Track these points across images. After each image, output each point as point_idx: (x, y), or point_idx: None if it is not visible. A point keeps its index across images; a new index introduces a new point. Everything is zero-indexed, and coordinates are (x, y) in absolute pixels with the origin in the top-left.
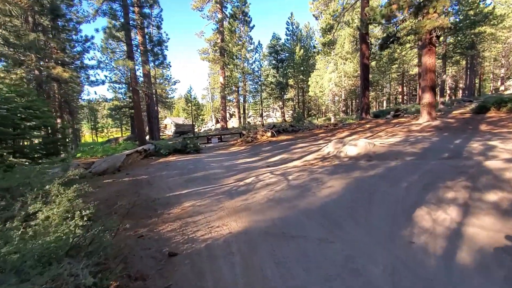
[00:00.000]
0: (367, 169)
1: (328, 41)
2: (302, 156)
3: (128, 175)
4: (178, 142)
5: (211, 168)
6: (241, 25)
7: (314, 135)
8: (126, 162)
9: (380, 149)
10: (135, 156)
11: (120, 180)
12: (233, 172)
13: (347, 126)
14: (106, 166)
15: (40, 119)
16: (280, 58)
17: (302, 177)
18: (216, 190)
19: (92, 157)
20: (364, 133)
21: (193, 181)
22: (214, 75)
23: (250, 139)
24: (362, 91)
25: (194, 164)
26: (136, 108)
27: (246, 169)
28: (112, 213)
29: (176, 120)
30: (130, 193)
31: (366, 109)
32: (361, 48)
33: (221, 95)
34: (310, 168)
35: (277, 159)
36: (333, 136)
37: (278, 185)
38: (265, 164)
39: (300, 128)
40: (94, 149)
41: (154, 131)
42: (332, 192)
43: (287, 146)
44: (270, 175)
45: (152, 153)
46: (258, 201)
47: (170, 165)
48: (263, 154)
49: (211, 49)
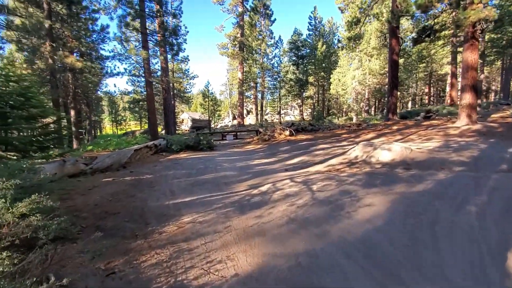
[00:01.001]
0: (411, 182)
1: (354, 36)
2: (325, 160)
3: (132, 174)
4: (191, 138)
5: (223, 169)
6: (261, 19)
7: (336, 135)
8: (133, 158)
9: (418, 155)
10: (145, 152)
11: (121, 179)
12: (247, 176)
13: (372, 127)
14: (110, 162)
15: (36, 108)
16: (301, 54)
17: (330, 187)
18: (225, 199)
19: (104, 150)
20: (392, 136)
21: (200, 185)
22: (233, 70)
23: (267, 138)
24: (390, 90)
25: (204, 164)
26: (149, 101)
27: (261, 173)
28: (94, 227)
29: (193, 115)
30: (126, 197)
31: (393, 109)
32: (391, 43)
33: (239, 91)
34: (337, 175)
35: (297, 162)
36: (357, 138)
37: (300, 197)
38: (283, 167)
39: (320, 128)
40: (108, 142)
41: (170, 125)
42: (374, 214)
43: (307, 146)
44: (290, 183)
45: (163, 149)
46: (275, 221)
47: (179, 163)
48: (280, 154)
49: (231, 44)
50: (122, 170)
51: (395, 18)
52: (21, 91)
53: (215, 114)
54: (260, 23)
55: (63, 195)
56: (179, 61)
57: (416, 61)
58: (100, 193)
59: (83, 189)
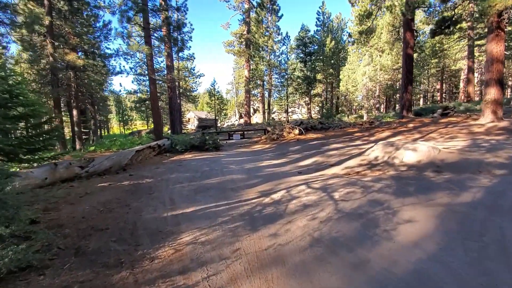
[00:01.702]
0: (452, 190)
1: (366, 30)
2: (342, 161)
3: (131, 177)
4: (196, 137)
5: (230, 171)
6: (268, 15)
7: (348, 134)
8: (135, 160)
9: (448, 156)
10: (147, 153)
11: (118, 184)
12: (256, 180)
13: (386, 125)
14: (108, 164)
15: (25, 107)
16: (309, 51)
17: (355, 196)
18: (233, 210)
19: (107, 151)
20: (410, 134)
21: (204, 192)
22: (239, 69)
23: (276, 137)
24: (404, 86)
25: (210, 166)
26: (153, 100)
27: (272, 176)
28: (74, 249)
29: (199, 114)
30: (119, 207)
31: (408, 106)
32: (405, 37)
33: (245, 89)
34: (360, 180)
35: (310, 163)
36: (372, 136)
37: (322, 208)
38: (296, 170)
39: (331, 126)
40: (112, 142)
41: (176, 124)
42: (421, 234)
43: (319, 146)
44: (306, 189)
45: (167, 149)
46: (296, 242)
47: (183, 164)
48: (291, 155)
49: (237, 42)
50: (122, 173)
51: (410, 10)
52: (7, 88)
53: (221, 113)
54: (267, 19)
55: (50, 204)
56: (185, 59)
57: (429, 56)
58: (91, 201)
59: (73, 196)
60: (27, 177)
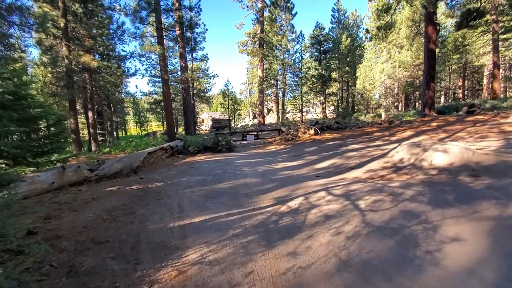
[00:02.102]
0: (500, 199)
1: (384, 25)
2: (363, 164)
3: (141, 180)
4: (209, 138)
5: (243, 174)
6: (282, 13)
7: (367, 134)
8: (147, 162)
9: (484, 158)
10: (160, 154)
11: (127, 189)
12: (271, 185)
13: (407, 124)
14: (119, 167)
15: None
16: (323, 49)
17: (383, 205)
18: (246, 220)
19: (121, 152)
20: (435, 134)
21: (215, 198)
22: (253, 69)
23: (290, 137)
24: (426, 83)
25: (222, 168)
26: (166, 100)
27: (288, 180)
28: (67, 267)
29: (213, 115)
30: (124, 215)
31: (430, 103)
32: (426, 31)
33: (259, 89)
34: (386, 185)
35: (328, 166)
36: (393, 136)
37: (346, 219)
38: (313, 173)
39: (347, 125)
40: (127, 144)
41: (190, 125)
42: (475, 259)
43: (336, 147)
44: (327, 196)
45: (180, 151)
46: (320, 264)
47: (195, 167)
48: (307, 156)
49: (250, 41)
50: (133, 175)
51: (432, 2)
52: (13, 89)
53: (235, 114)
54: (281, 17)
55: (54, 210)
56: (198, 60)
57: (451, 51)
58: (96, 208)
59: (79, 202)
60: (33, 182)
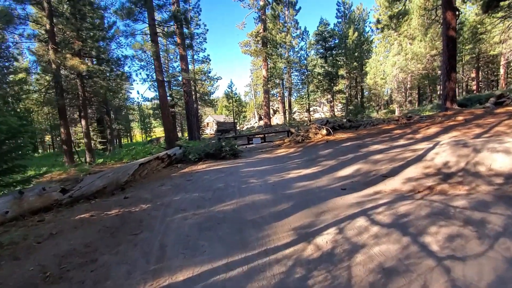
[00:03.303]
0: None
1: (397, 13)
2: (397, 170)
3: (125, 201)
4: (212, 144)
5: (249, 189)
6: (285, 9)
7: (385, 132)
8: (139, 174)
9: None
10: (155, 165)
11: (103, 215)
12: (286, 204)
13: (429, 120)
14: (101, 184)
15: None
16: (329, 45)
17: (469, 247)
18: (254, 277)
19: (118, 163)
20: (467, 129)
21: (212, 229)
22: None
23: (301, 139)
24: (446, 73)
25: (225, 180)
26: (162, 104)
27: (307, 196)
28: None
29: (218, 118)
30: (80, 265)
31: (452, 96)
32: (445, 17)
33: (264, 89)
34: (447, 205)
35: (352, 173)
36: (416, 133)
37: (421, 279)
38: (336, 183)
39: (361, 123)
40: (127, 152)
41: (193, 130)
42: None
43: (355, 148)
44: (370, 225)
45: (179, 159)
46: None
47: (193, 179)
48: (324, 161)
49: (253, 41)
50: (118, 194)
51: None
52: None
53: (240, 116)
54: (284, 13)
55: None
56: (200, 62)
57: (468, 40)
58: (46, 253)
59: (29, 241)
60: None
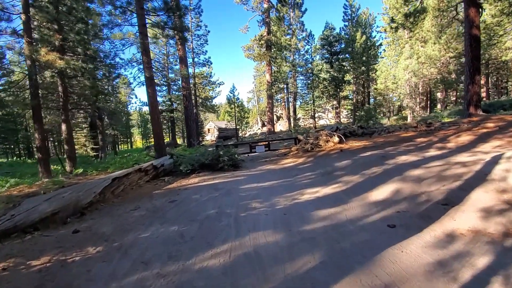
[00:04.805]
0: None
1: (414, 11)
2: (457, 194)
3: (74, 237)
4: (209, 152)
5: (251, 220)
6: (290, 11)
7: (406, 140)
8: (111, 192)
9: None
10: (135, 179)
11: (23, 269)
12: (311, 257)
13: (453, 127)
14: (49, 209)
15: None
16: (334, 50)
17: None
18: None
19: (101, 173)
20: (511, 139)
21: None
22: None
23: (310, 147)
24: (470, 76)
25: (218, 203)
26: (151, 106)
27: (342, 243)
28: None
29: (219, 124)
30: None
31: (476, 101)
32: (468, 14)
33: (267, 94)
34: None
35: (390, 196)
36: (446, 142)
37: None
38: (374, 214)
39: (375, 130)
40: (114, 160)
41: (192, 136)
42: None
43: (379, 160)
44: None
45: (169, 170)
46: None
47: (178, 200)
48: (344, 176)
49: (256, 44)
50: (72, 222)
51: None
52: None
53: (242, 122)
54: (289, 15)
55: None
56: (201, 65)
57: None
58: None
59: None
60: None
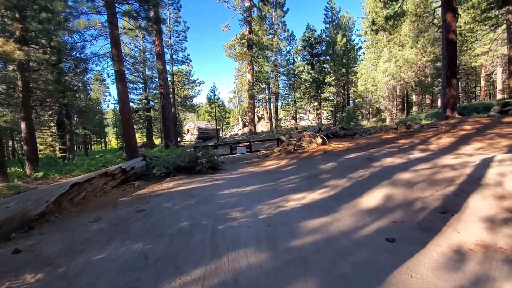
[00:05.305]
0: None
1: (395, 13)
2: (453, 201)
3: (12, 258)
4: (186, 154)
5: (230, 236)
6: (272, 10)
7: (388, 142)
8: (69, 200)
9: None
10: (100, 184)
11: None
12: (300, 280)
13: (432, 128)
14: None
15: None
16: (315, 52)
17: None
18: None
19: (65, 176)
20: (489, 140)
21: None
22: (241, 76)
23: (293, 149)
24: (447, 79)
25: (193, 214)
26: (121, 102)
27: (338, 264)
28: None
29: (199, 124)
30: None
31: (453, 104)
32: (445, 19)
33: (249, 94)
34: None
35: (383, 203)
36: (428, 144)
37: None
38: (370, 225)
39: (356, 132)
40: (81, 162)
41: (170, 136)
42: None
43: (365, 162)
44: None
45: (141, 173)
46: None
47: (147, 210)
48: (330, 180)
49: (238, 43)
50: (16, 239)
51: None
52: None
53: (223, 122)
54: (271, 14)
55: None
56: (180, 62)
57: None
58: None
59: None
60: None
